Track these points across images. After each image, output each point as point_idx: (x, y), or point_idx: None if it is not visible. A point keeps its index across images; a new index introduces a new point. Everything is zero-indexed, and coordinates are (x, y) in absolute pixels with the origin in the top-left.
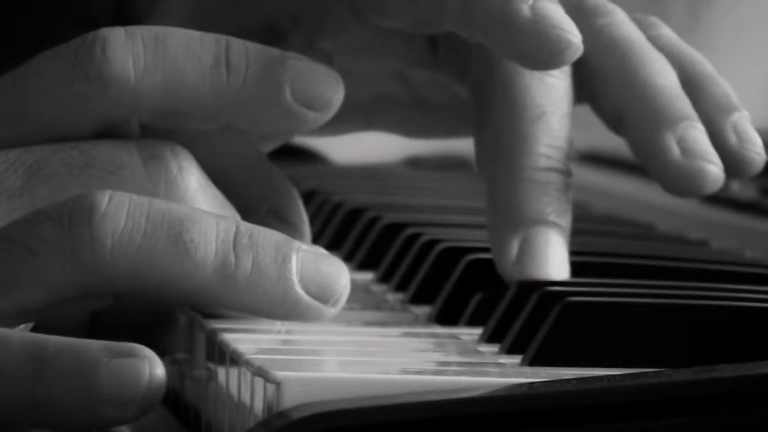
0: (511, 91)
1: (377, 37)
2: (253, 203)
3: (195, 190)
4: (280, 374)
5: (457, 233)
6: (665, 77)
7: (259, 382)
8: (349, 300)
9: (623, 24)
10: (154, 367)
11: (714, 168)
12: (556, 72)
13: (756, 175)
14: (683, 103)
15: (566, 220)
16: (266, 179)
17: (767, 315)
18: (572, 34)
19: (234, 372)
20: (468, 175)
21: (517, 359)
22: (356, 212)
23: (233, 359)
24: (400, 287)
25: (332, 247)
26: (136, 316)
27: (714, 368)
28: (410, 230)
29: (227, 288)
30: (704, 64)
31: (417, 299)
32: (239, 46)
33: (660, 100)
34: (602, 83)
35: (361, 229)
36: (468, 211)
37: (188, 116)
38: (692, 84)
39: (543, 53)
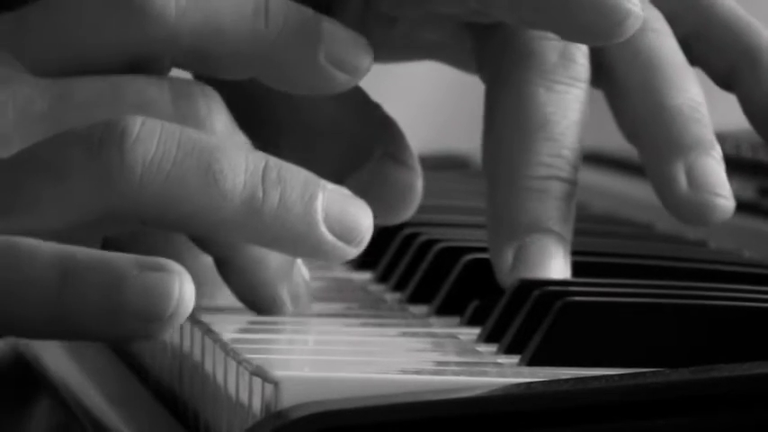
0: (517, 98)
1: (430, 15)
2: (368, 146)
3: (221, 133)
4: (278, 374)
5: (455, 233)
6: (684, 96)
7: (257, 381)
8: (347, 299)
9: (653, 34)
10: (184, 283)
11: (721, 201)
12: (566, 79)
13: (754, 176)
14: (698, 127)
15: (565, 228)
16: (378, 122)
17: (766, 315)
18: (632, 3)
19: (232, 371)
20: (467, 174)
21: (515, 359)
22: None
23: (231, 358)
24: (398, 287)
25: None
26: None
27: (712, 368)
28: (408, 230)
29: (253, 221)
30: (763, 34)
31: (415, 298)
32: (279, 0)
33: (674, 124)
34: (621, 95)
35: None
36: (467, 210)
37: (220, 60)
38: (749, 57)
39: (603, 24)
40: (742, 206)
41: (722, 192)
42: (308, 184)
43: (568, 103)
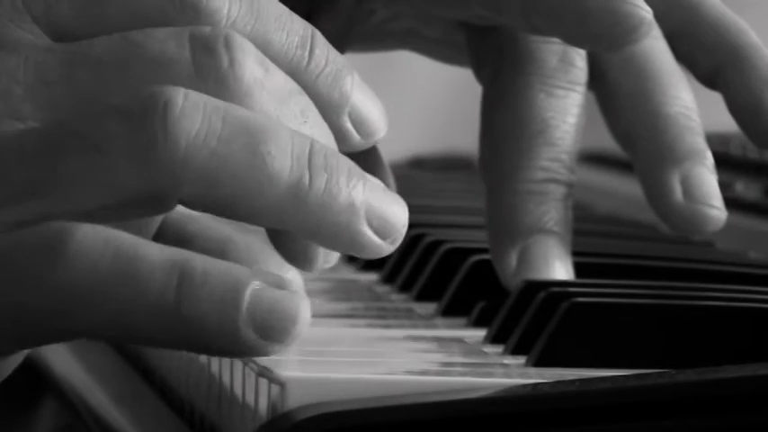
0: (516, 102)
1: (423, 15)
2: None
3: (249, 86)
4: (284, 375)
5: (461, 234)
6: (678, 104)
7: (263, 382)
8: (353, 300)
9: (646, 39)
10: (307, 306)
11: (715, 213)
12: (566, 84)
13: (760, 176)
14: (691, 136)
15: (565, 229)
16: None
17: None
18: (645, 10)
19: (238, 372)
20: (472, 175)
21: (522, 360)
22: None
23: (237, 359)
24: (404, 288)
25: None
26: None
27: (718, 369)
28: (414, 231)
29: (297, 208)
30: (749, 34)
31: (422, 299)
32: (324, 41)
33: (669, 133)
34: (613, 100)
35: None
36: (473, 211)
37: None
38: (735, 57)
39: (617, 31)
40: (748, 207)
41: (715, 203)
42: (352, 172)
43: (567, 107)
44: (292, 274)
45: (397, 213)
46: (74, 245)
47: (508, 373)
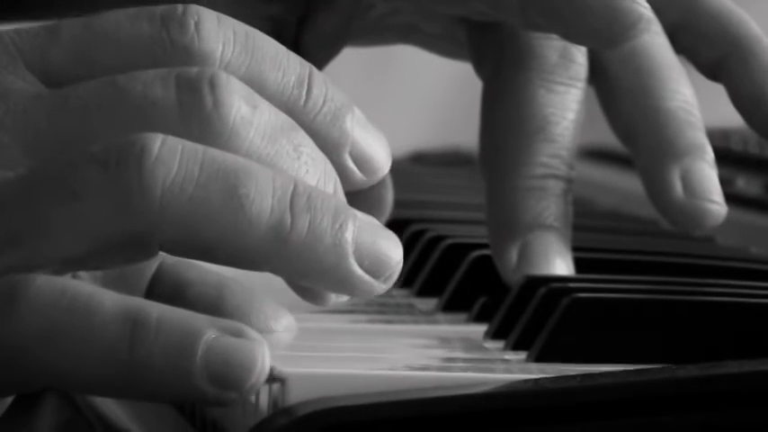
0: (516, 98)
1: (423, 11)
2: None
3: (235, 126)
4: (285, 371)
5: (462, 229)
6: (678, 99)
7: None
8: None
9: (647, 34)
10: (265, 353)
11: (715, 208)
12: (566, 80)
13: (761, 172)
14: (692, 131)
15: (565, 225)
16: None
17: None
18: (643, 6)
19: None
20: (473, 171)
21: (523, 355)
22: None
23: None
24: (406, 283)
25: None
26: None
27: (719, 364)
28: (415, 227)
29: (280, 250)
30: (750, 25)
31: (423, 295)
32: (321, 79)
33: (669, 128)
34: (614, 95)
35: None
36: (474, 207)
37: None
38: (738, 48)
39: (616, 27)
40: (749, 202)
41: (716, 198)
42: (339, 212)
43: (567, 103)
44: (288, 320)
45: (391, 250)
46: (27, 297)
47: (509, 368)
